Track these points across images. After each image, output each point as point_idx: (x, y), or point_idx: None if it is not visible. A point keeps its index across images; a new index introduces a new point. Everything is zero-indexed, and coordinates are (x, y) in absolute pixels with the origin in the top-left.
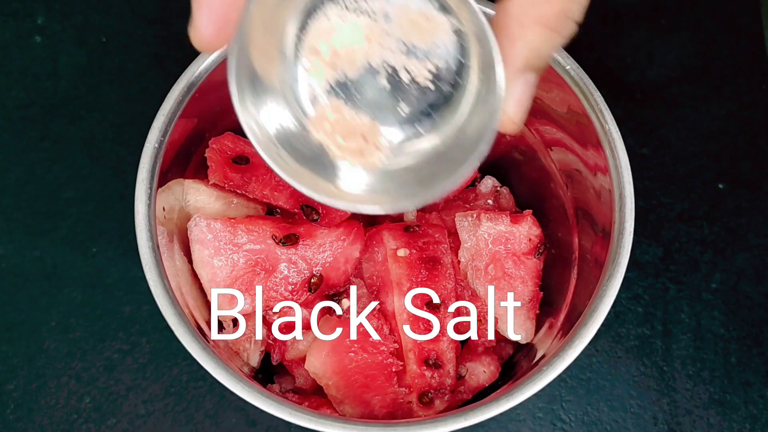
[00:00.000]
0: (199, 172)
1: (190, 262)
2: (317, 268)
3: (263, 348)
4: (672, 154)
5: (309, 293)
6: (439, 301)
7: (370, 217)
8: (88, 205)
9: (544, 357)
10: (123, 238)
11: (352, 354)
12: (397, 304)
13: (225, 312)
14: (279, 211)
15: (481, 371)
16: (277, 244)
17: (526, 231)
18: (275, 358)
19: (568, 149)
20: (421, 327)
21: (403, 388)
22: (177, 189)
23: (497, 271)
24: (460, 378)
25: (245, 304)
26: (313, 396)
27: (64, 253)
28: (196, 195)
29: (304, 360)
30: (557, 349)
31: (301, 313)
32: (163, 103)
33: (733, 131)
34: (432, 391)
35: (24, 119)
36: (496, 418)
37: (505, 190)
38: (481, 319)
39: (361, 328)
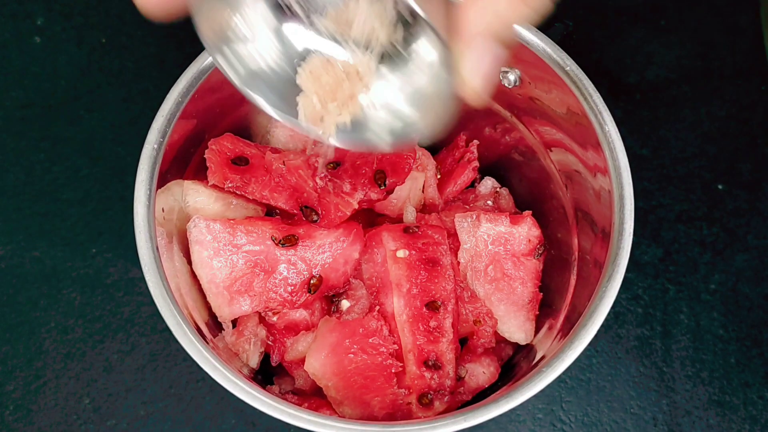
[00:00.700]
0: (199, 173)
1: (189, 263)
2: (317, 269)
3: (262, 349)
4: (671, 155)
5: (308, 294)
6: (439, 302)
7: (369, 219)
8: (88, 206)
9: (543, 358)
10: (122, 239)
11: (352, 355)
12: (397, 305)
13: (224, 313)
14: (278, 212)
15: (481, 372)
16: (277, 245)
17: (526, 232)
18: (275, 360)
19: (567, 150)
20: (421, 328)
21: (403, 390)
22: (176, 190)
23: (497, 272)
24: (459, 379)
25: (244, 306)
26: (313, 397)
27: (63, 254)
28: (196, 196)
29: (303, 361)
30: (557, 350)
31: (300, 314)
32: (163, 104)
33: (733, 132)
34: (432, 392)
35: (23, 120)
36: (496, 419)
37: (504, 191)
38: (480, 320)
39: (361, 329)
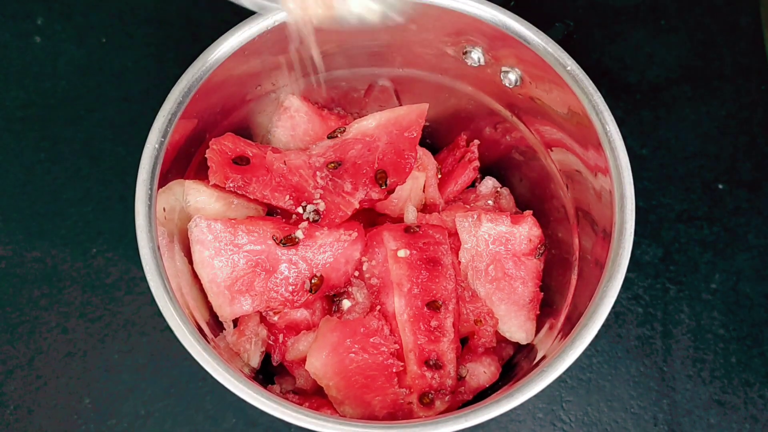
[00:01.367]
0: (200, 173)
1: (190, 262)
2: (317, 269)
3: (263, 349)
4: (672, 155)
5: (309, 294)
6: (440, 302)
7: (370, 218)
8: (88, 206)
9: (544, 358)
10: (123, 239)
11: (353, 355)
12: (398, 304)
13: (225, 313)
14: (279, 211)
15: (482, 372)
16: (278, 244)
17: (527, 232)
18: (275, 359)
19: (568, 150)
20: (422, 328)
21: (404, 389)
22: (177, 190)
23: (497, 271)
24: (460, 379)
25: (245, 305)
26: (314, 397)
27: (63, 253)
28: (197, 196)
29: (304, 361)
30: (558, 350)
31: (301, 314)
32: (164, 103)
33: (733, 132)
34: (432, 391)
35: (23, 120)
36: (497, 419)
37: (505, 191)
38: (481, 320)
39: (362, 329)
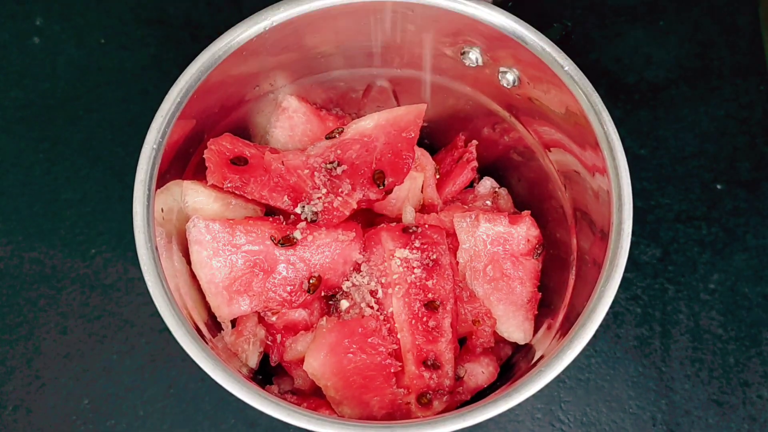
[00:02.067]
0: (198, 173)
1: (188, 263)
2: (316, 269)
3: (261, 349)
4: (670, 155)
5: (307, 294)
6: (438, 302)
7: (368, 219)
8: (87, 207)
9: (542, 358)
10: (121, 240)
11: (351, 355)
12: (396, 305)
13: (223, 313)
14: (278, 212)
15: (480, 372)
16: (276, 245)
17: (525, 232)
18: (274, 360)
19: (566, 150)
20: (420, 328)
21: (402, 389)
22: (175, 190)
23: (496, 271)
24: (458, 379)
25: (243, 305)
26: (312, 397)
27: (62, 254)
28: (195, 196)
29: (302, 361)
30: (556, 350)
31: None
32: (162, 104)
33: (732, 132)
34: (430, 391)
35: (23, 120)
36: (495, 419)
37: (503, 191)
38: (479, 320)
39: (360, 329)
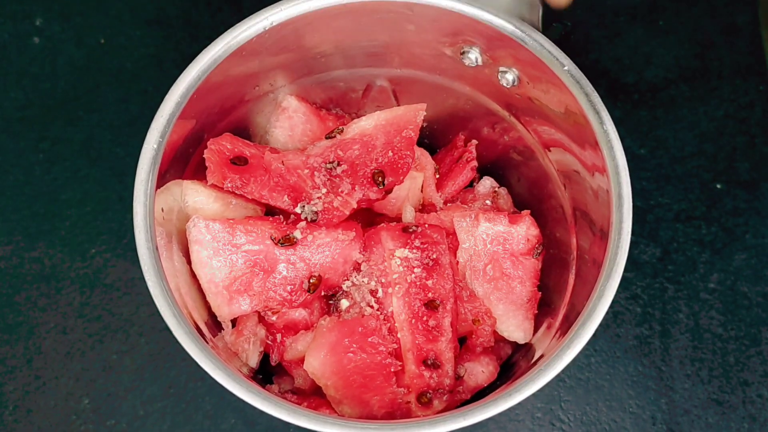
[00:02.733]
0: (198, 173)
1: (188, 262)
2: (316, 269)
3: (262, 348)
4: (670, 155)
5: (307, 294)
6: (438, 302)
7: (368, 218)
8: (87, 206)
9: (542, 357)
10: (121, 239)
11: (351, 354)
12: (396, 304)
13: (223, 312)
14: (278, 211)
15: (480, 371)
16: (276, 244)
17: (524, 231)
18: (274, 359)
19: (566, 150)
20: (420, 327)
21: (402, 389)
22: (176, 190)
23: (495, 271)
24: (458, 378)
25: (244, 305)
26: (312, 396)
27: (62, 254)
28: (195, 196)
29: (302, 360)
30: (556, 349)
31: (299, 314)
32: (162, 104)
33: (731, 132)
34: (431, 391)
35: (22, 120)
36: (495, 418)
37: (503, 191)
38: (479, 319)
39: (360, 329)
